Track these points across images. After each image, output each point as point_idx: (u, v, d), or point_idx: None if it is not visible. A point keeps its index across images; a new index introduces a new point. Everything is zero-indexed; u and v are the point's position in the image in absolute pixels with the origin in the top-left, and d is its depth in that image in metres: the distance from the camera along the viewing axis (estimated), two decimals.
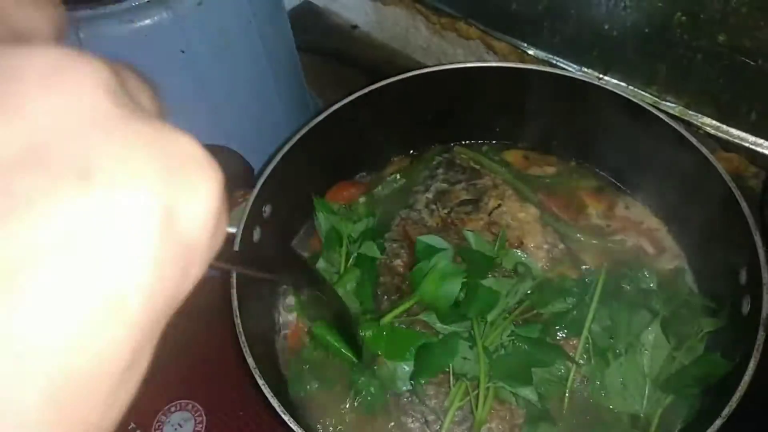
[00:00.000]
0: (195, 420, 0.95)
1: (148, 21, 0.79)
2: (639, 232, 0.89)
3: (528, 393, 0.70)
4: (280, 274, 0.69)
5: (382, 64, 1.41)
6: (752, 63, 0.93)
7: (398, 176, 0.98)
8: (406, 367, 0.75)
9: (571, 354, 0.75)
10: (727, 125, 1.02)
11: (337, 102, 0.88)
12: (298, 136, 0.84)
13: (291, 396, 0.81)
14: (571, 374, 0.74)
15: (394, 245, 0.87)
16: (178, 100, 0.92)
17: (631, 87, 1.08)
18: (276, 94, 1.06)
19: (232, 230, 0.77)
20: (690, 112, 1.04)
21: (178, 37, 0.83)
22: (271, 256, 0.72)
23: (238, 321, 0.69)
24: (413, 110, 0.96)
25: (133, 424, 0.95)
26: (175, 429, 0.95)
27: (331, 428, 0.78)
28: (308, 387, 0.81)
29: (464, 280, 0.76)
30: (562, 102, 0.91)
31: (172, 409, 0.97)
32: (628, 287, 0.79)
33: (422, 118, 0.98)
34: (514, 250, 0.82)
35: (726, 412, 0.59)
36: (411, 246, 0.86)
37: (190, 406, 0.97)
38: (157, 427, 0.95)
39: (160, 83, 0.91)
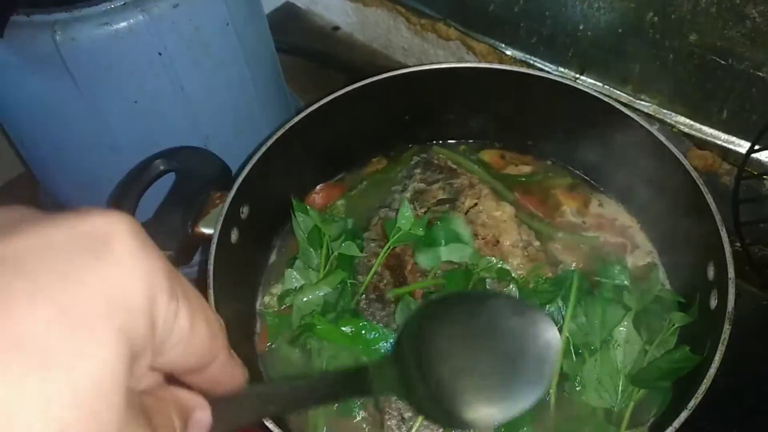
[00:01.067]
0: None
1: (123, 24, 0.80)
2: (612, 228, 0.90)
3: None
4: None
5: (363, 65, 1.42)
6: (723, 62, 0.95)
7: (377, 176, 0.99)
8: None
9: None
10: (700, 124, 1.04)
11: (315, 102, 0.88)
12: (275, 137, 0.85)
13: None
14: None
15: (372, 244, 0.88)
16: (156, 103, 0.93)
17: (606, 86, 1.10)
18: (255, 95, 1.07)
19: (209, 231, 0.78)
20: (664, 110, 1.06)
21: (154, 39, 0.84)
22: None
23: None
24: (392, 110, 0.97)
25: None
26: None
27: (309, 426, 0.78)
28: None
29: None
30: (538, 102, 0.92)
31: None
32: (602, 283, 0.80)
33: (401, 118, 0.99)
34: (488, 257, 0.83)
35: (692, 404, 0.60)
36: None
37: None
38: None
39: (137, 85, 0.91)
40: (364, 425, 0.78)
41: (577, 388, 0.76)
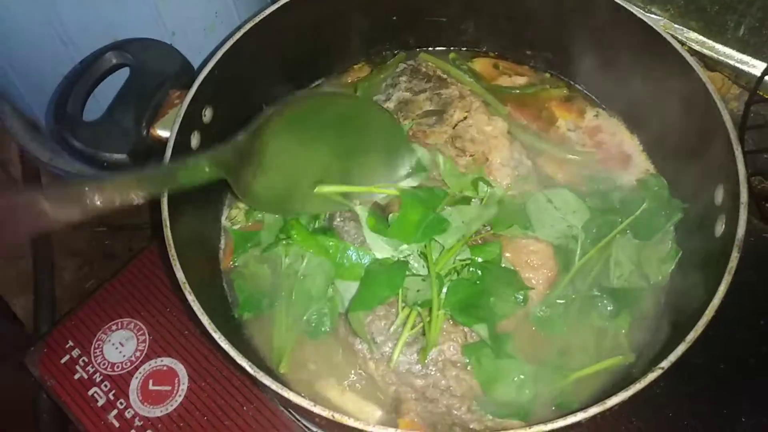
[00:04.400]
0: (137, 339, 0.90)
1: None
2: (609, 144, 0.83)
3: (480, 330, 0.65)
4: None
5: None
6: None
7: (359, 85, 0.90)
8: (353, 288, 0.70)
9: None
10: (713, 41, 0.95)
11: None
12: (243, 30, 0.75)
13: (237, 317, 0.76)
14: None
15: None
16: None
17: None
18: None
19: (165, 134, 0.69)
20: (675, 25, 0.97)
21: None
22: None
23: (167, 232, 0.63)
24: (376, 9, 0.87)
25: (71, 343, 0.90)
26: (117, 348, 0.90)
27: (276, 349, 0.73)
28: (256, 308, 0.76)
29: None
30: (540, 6, 0.83)
31: (113, 327, 0.91)
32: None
33: (387, 19, 0.89)
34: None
35: (691, 336, 0.55)
36: None
37: (132, 324, 0.91)
38: (96, 346, 0.90)
39: None
40: (336, 348, 0.73)
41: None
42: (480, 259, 0.70)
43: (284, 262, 0.75)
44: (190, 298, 0.59)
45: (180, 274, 0.60)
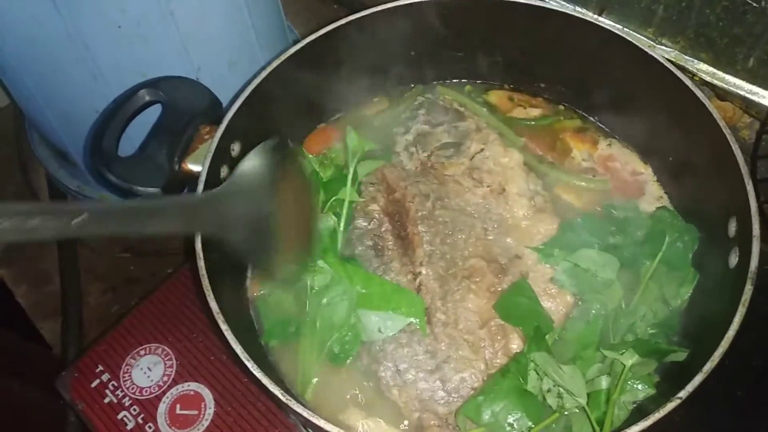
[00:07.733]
0: (165, 364, 0.93)
1: None
2: (622, 172, 0.86)
3: None
4: None
5: (370, 2, 1.33)
6: (755, 5, 0.88)
7: (378, 117, 0.93)
8: (375, 318, 0.72)
9: None
10: (724, 72, 0.98)
11: (313, 33, 0.82)
12: (269, 70, 0.79)
13: (263, 344, 0.79)
14: None
15: (371, 188, 0.83)
16: (142, 28, 0.86)
17: (626, 29, 1.02)
18: (251, 25, 1.00)
19: (197, 169, 0.73)
20: (686, 57, 0.99)
21: None
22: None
23: (201, 264, 0.66)
24: (395, 46, 0.90)
25: (100, 367, 0.93)
26: (145, 373, 0.92)
27: (302, 376, 0.75)
28: (282, 335, 0.78)
29: None
30: (554, 40, 0.86)
31: (141, 352, 0.94)
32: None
33: (405, 54, 0.92)
34: None
35: (708, 367, 0.57)
36: (388, 189, 0.82)
37: (160, 350, 0.94)
38: (125, 370, 0.92)
39: (120, 9, 0.83)
40: (359, 377, 0.74)
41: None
42: None
43: (309, 290, 0.78)
44: (224, 327, 0.62)
45: (214, 305, 0.63)
